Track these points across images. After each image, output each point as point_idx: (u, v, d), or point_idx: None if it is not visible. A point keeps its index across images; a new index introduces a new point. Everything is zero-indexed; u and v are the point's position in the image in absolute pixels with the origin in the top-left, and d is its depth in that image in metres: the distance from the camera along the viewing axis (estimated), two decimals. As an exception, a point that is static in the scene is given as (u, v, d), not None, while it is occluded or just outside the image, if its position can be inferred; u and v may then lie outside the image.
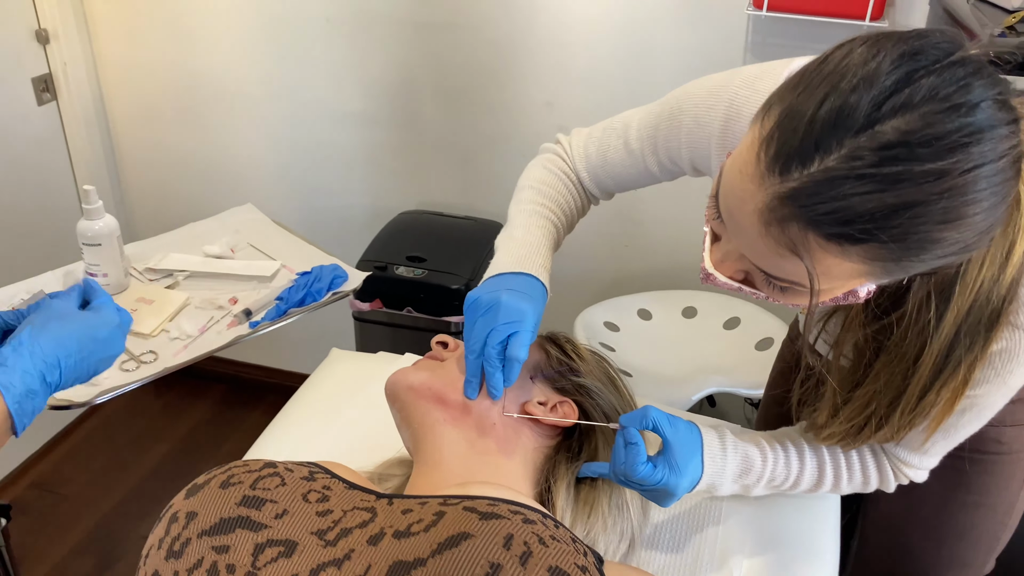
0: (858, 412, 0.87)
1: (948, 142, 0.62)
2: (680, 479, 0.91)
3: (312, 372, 2.53)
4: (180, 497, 0.77)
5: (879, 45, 0.65)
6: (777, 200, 0.66)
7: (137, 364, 1.31)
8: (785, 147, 0.65)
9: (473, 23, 1.98)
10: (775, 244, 0.68)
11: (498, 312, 0.93)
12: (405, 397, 0.97)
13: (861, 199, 0.63)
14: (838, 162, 0.63)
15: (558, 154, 1.13)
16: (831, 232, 0.65)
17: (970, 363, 0.79)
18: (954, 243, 0.66)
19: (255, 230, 1.67)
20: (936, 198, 0.62)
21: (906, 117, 0.62)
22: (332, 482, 0.79)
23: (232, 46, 2.18)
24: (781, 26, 1.80)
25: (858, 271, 0.68)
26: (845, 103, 0.63)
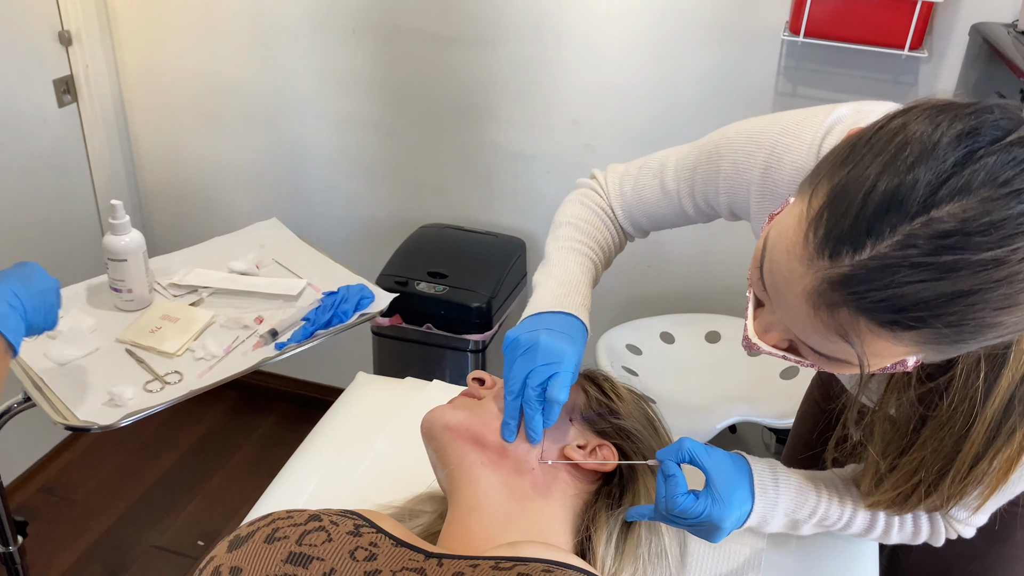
0: (904, 480, 0.84)
1: (1007, 230, 0.59)
2: (724, 510, 0.88)
3: (326, 382, 2.57)
4: (222, 549, 0.74)
5: (936, 120, 0.62)
6: (827, 284, 0.63)
7: (162, 385, 1.28)
8: (835, 230, 0.62)
9: (502, 39, 1.96)
10: (824, 327, 0.66)
11: (537, 352, 0.91)
12: (442, 437, 0.95)
13: (915, 288, 0.60)
14: (891, 249, 0.60)
15: (594, 189, 1.11)
16: (884, 319, 0.63)
17: (1022, 428, 0.76)
18: (1011, 326, 0.63)
19: (280, 246, 1.65)
20: (995, 286, 0.60)
21: (963, 203, 0.59)
22: (379, 538, 0.76)
23: (255, 53, 2.15)
24: (816, 52, 1.78)
25: (909, 351, 0.66)
26: (900, 185, 0.60)
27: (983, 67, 1.59)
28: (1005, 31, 1.58)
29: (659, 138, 1.94)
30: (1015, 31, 1.58)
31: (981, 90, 1.57)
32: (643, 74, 1.90)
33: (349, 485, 1.16)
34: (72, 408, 1.22)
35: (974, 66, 1.64)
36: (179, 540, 2.17)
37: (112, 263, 1.40)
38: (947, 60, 1.72)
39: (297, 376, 2.61)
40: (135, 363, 1.33)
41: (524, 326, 0.95)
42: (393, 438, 1.23)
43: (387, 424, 1.26)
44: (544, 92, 1.99)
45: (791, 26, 1.70)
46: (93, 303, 1.45)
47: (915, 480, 0.83)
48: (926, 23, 1.63)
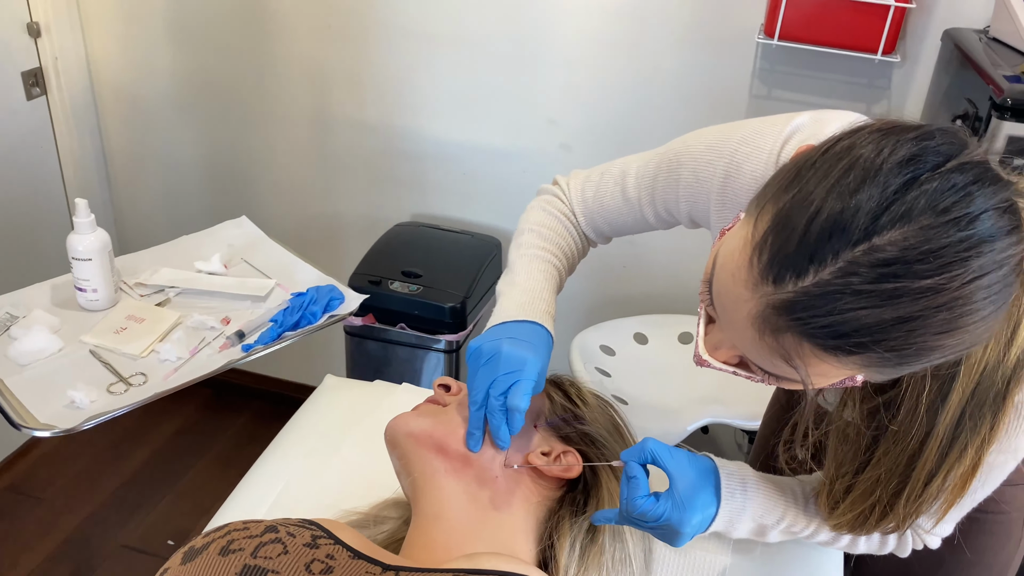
0: (861, 500, 0.84)
1: (946, 258, 0.60)
2: (685, 513, 0.88)
3: (300, 380, 2.55)
4: (176, 562, 0.73)
5: (880, 145, 0.63)
6: (771, 310, 0.64)
7: (126, 387, 1.27)
8: (779, 255, 0.63)
9: (478, 37, 1.95)
10: (769, 351, 0.67)
11: (499, 361, 0.91)
12: (405, 444, 0.94)
13: (857, 314, 0.61)
14: (833, 276, 0.61)
15: (557, 196, 1.11)
16: (827, 344, 0.63)
17: (976, 446, 0.76)
18: (953, 348, 0.64)
19: (249, 245, 1.63)
20: (934, 311, 0.61)
21: (904, 230, 0.60)
22: (336, 549, 0.76)
23: (227, 45, 2.13)
24: (791, 55, 1.78)
25: (854, 372, 0.67)
26: (843, 211, 0.61)
27: (955, 72, 1.60)
28: (976, 37, 1.59)
29: (635, 139, 1.93)
30: (986, 37, 1.59)
31: (952, 95, 1.58)
32: (619, 75, 1.90)
33: (315, 489, 1.15)
34: (33, 410, 1.20)
35: (946, 71, 1.65)
36: (149, 540, 2.15)
37: (76, 262, 1.37)
38: (919, 65, 1.73)
39: (271, 374, 2.59)
40: (99, 364, 1.31)
41: (487, 336, 0.95)
42: (360, 442, 1.22)
43: (354, 428, 1.25)
44: (521, 92, 1.98)
45: (766, 29, 1.70)
46: (57, 302, 1.43)
47: (872, 500, 0.83)
48: (899, 28, 1.64)
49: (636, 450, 0.89)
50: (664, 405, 1.79)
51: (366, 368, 2.04)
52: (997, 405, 0.74)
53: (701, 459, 0.93)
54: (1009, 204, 0.63)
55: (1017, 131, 1.27)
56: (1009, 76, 1.37)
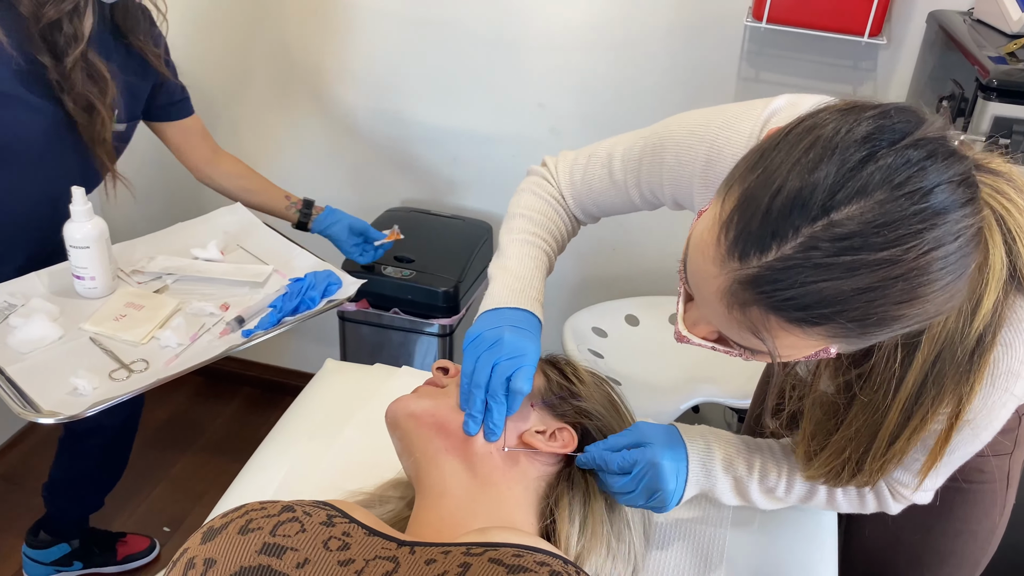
0: (834, 457, 0.88)
1: (902, 230, 0.63)
2: (658, 449, 0.94)
3: (291, 366, 2.55)
4: (196, 541, 0.75)
5: (839, 124, 0.66)
6: (738, 285, 0.67)
7: (128, 373, 1.27)
8: (743, 233, 0.66)
9: (466, 20, 1.95)
10: (738, 324, 0.70)
11: (502, 347, 0.93)
12: (406, 425, 0.96)
13: (819, 287, 0.64)
14: (795, 251, 0.64)
15: (545, 178, 1.14)
16: (792, 317, 0.67)
17: (939, 411, 0.80)
18: (915, 317, 0.67)
19: (245, 232, 1.63)
20: (892, 282, 0.64)
21: (860, 205, 0.63)
22: (351, 527, 0.77)
23: (216, 32, 2.12)
24: (778, 38, 1.80)
25: (822, 343, 0.70)
26: (803, 188, 0.64)
27: (939, 54, 1.62)
28: (961, 19, 1.61)
29: (624, 122, 1.93)
30: (971, 19, 1.61)
31: (937, 76, 1.60)
32: (608, 58, 1.91)
33: (319, 472, 1.17)
34: (36, 398, 1.21)
35: (931, 53, 1.68)
36: (144, 526, 2.16)
37: (74, 251, 1.38)
38: (905, 47, 1.75)
39: (262, 360, 2.60)
40: (100, 351, 1.31)
41: (485, 323, 0.98)
42: (363, 425, 1.24)
43: (357, 411, 1.27)
44: (510, 76, 1.99)
45: (754, 12, 1.72)
46: (56, 291, 1.43)
47: (843, 458, 0.87)
48: (885, 10, 1.66)
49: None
50: (656, 385, 1.82)
51: (360, 353, 2.05)
52: (961, 375, 0.77)
53: (660, 425, 0.99)
54: (964, 177, 0.66)
55: (1003, 111, 1.30)
56: (994, 57, 1.39)
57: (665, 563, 1.06)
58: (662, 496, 0.95)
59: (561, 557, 0.76)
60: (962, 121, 1.39)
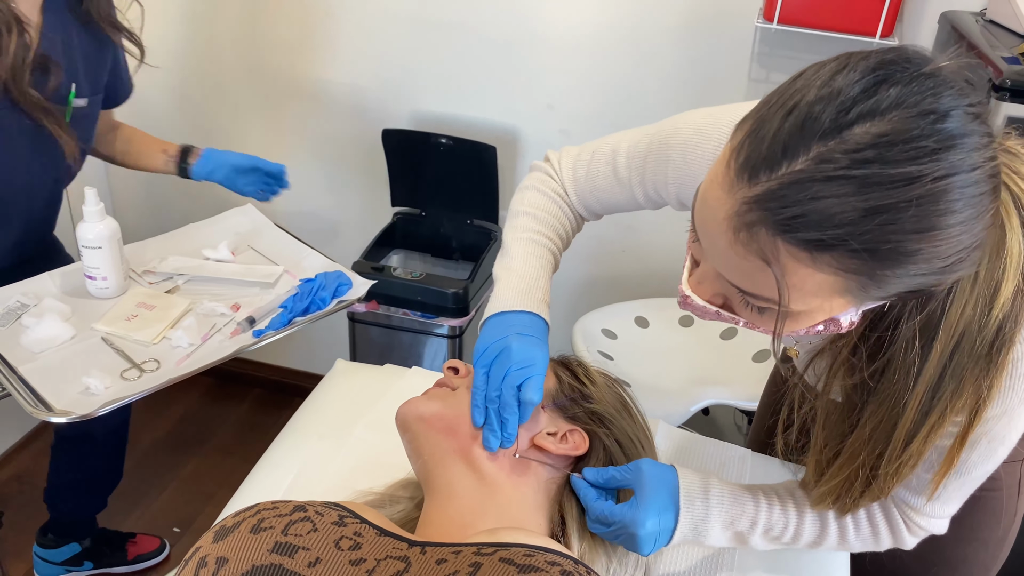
0: (847, 464, 0.85)
1: (919, 146, 0.61)
2: (639, 514, 0.89)
3: (301, 367, 2.56)
4: (208, 540, 0.75)
5: (849, 59, 0.65)
6: (745, 205, 0.65)
7: (139, 373, 1.28)
8: (754, 154, 0.65)
9: (475, 22, 1.95)
10: (744, 252, 0.67)
11: (510, 358, 0.92)
12: (416, 428, 0.96)
13: (829, 203, 0.62)
14: (806, 164, 0.62)
15: (548, 174, 1.11)
16: (800, 237, 0.64)
17: (958, 409, 0.77)
18: (930, 257, 0.65)
19: (255, 232, 1.64)
20: (907, 204, 0.61)
21: (875, 122, 0.62)
22: (363, 527, 0.77)
23: (227, 32, 2.13)
24: (789, 39, 1.79)
25: (832, 285, 0.67)
26: (811, 110, 0.63)
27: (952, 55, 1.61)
28: (973, 19, 1.61)
29: (634, 124, 1.91)
30: (983, 19, 1.61)
31: (950, 78, 1.59)
32: (618, 59, 1.91)
33: (330, 472, 1.17)
34: (48, 398, 1.21)
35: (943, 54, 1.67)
36: (155, 526, 2.17)
37: (87, 251, 1.38)
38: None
39: (272, 362, 2.60)
40: (112, 351, 1.32)
41: (491, 332, 0.96)
42: (373, 425, 1.24)
43: (367, 411, 1.27)
44: (520, 77, 1.99)
45: (765, 13, 1.71)
46: (68, 291, 1.43)
47: (857, 464, 0.84)
48: (897, 11, 1.65)
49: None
50: (666, 387, 1.81)
51: (369, 354, 2.06)
52: (980, 369, 0.75)
53: (664, 468, 0.94)
54: (979, 112, 0.64)
55: (1016, 112, 1.29)
56: (1007, 57, 1.39)
57: (676, 563, 1.06)
58: (640, 545, 0.91)
59: (572, 557, 0.76)
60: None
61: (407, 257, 2.16)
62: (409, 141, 2.02)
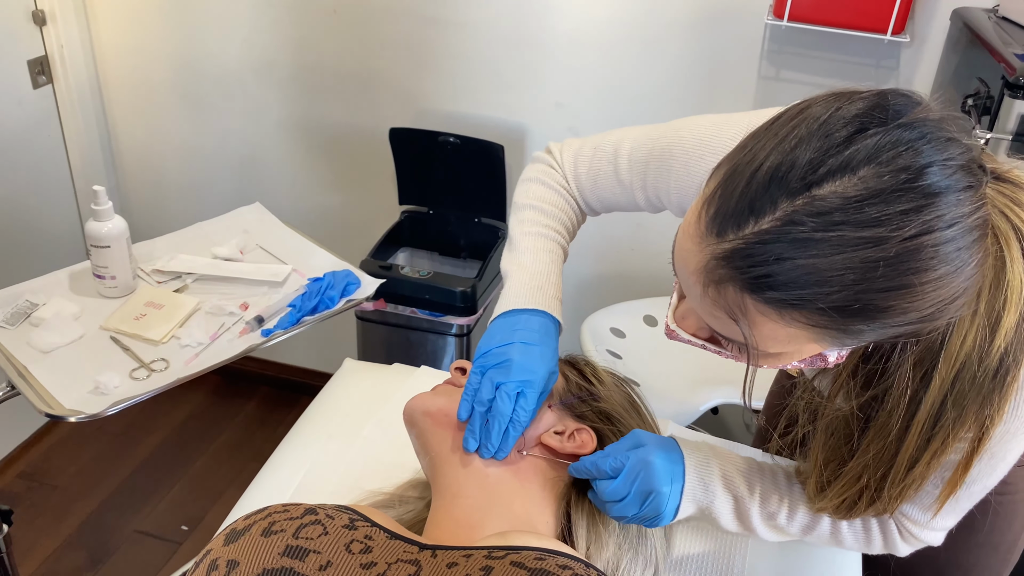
0: (849, 486, 0.83)
1: (888, 208, 0.59)
2: (651, 452, 0.88)
3: (309, 365, 2.56)
4: (219, 543, 0.75)
5: (832, 104, 0.63)
6: (714, 261, 0.64)
7: (148, 372, 1.28)
8: (723, 208, 0.64)
9: (483, 20, 1.94)
10: (714, 306, 0.67)
11: (509, 370, 0.91)
12: (423, 423, 0.96)
13: (794, 264, 0.61)
14: (772, 224, 0.61)
15: (551, 165, 1.09)
16: (767, 297, 0.63)
17: (961, 436, 0.75)
18: (905, 312, 0.63)
19: (264, 231, 1.64)
20: (875, 264, 0.60)
21: (843, 180, 0.60)
22: (373, 531, 0.77)
23: (234, 31, 2.13)
24: (799, 36, 1.78)
25: (804, 337, 0.66)
26: (782, 164, 0.61)
27: (964, 51, 1.60)
28: (986, 16, 1.59)
29: (643, 121, 1.90)
30: (996, 16, 1.59)
31: (961, 75, 1.58)
32: (627, 57, 1.90)
33: (339, 472, 1.16)
34: (58, 397, 1.21)
35: (955, 50, 1.66)
36: (162, 525, 2.17)
37: (95, 250, 1.38)
38: (928, 45, 1.74)
39: (279, 360, 2.60)
40: (120, 350, 1.32)
41: (497, 332, 0.95)
42: (382, 425, 1.24)
43: (376, 410, 1.27)
44: (528, 75, 1.98)
45: (775, 10, 1.70)
46: (76, 290, 1.44)
47: (859, 486, 0.82)
48: (908, 8, 1.64)
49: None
50: (675, 386, 1.81)
51: (377, 352, 2.05)
52: (983, 397, 0.72)
53: (663, 438, 0.93)
54: (963, 163, 0.62)
55: (1030, 110, 1.28)
56: (1020, 55, 1.37)
57: (686, 565, 1.05)
58: (656, 501, 0.88)
59: (583, 561, 0.75)
60: (988, 120, 1.37)
61: (415, 256, 2.16)
62: (417, 140, 2.01)
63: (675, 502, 0.90)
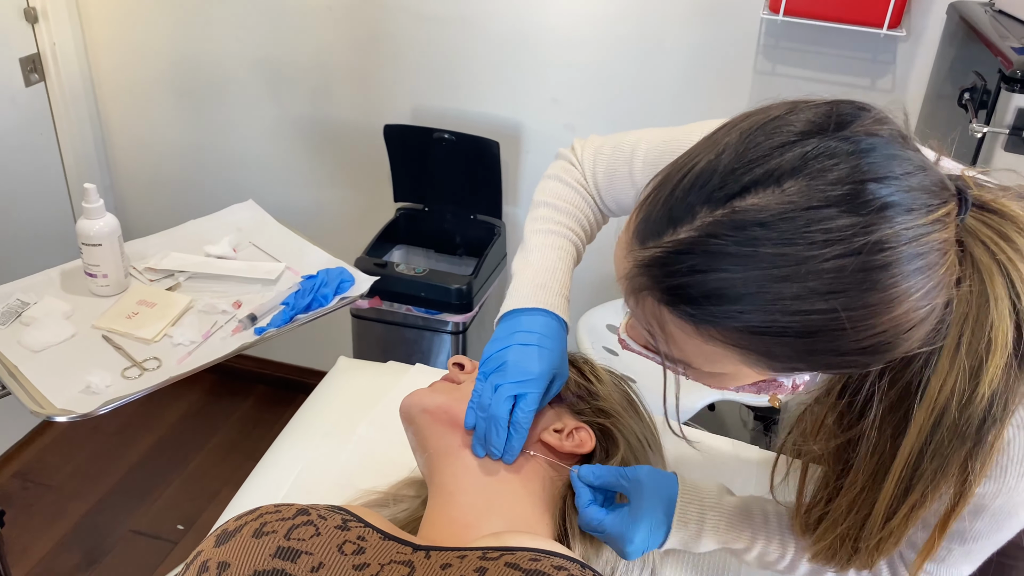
0: (829, 531, 0.79)
1: (802, 227, 0.56)
2: (628, 530, 0.85)
3: (304, 364, 2.55)
4: (209, 544, 0.74)
5: (767, 113, 0.61)
6: (636, 268, 0.63)
7: (140, 371, 1.27)
8: (648, 216, 0.63)
9: (478, 16, 1.93)
10: (639, 315, 0.65)
11: (506, 372, 0.89)
12: (420, 420, 0.95)
13: (707, 278, 0.58)
14: (689, 235, 0.59)
15: (571, 162, 1.07)
16: (682, 310, 0.61)
17: (943, 489, 0.69)
18: (833, 340, 0.59)
19: (257, 228, 1.63)
20: (791, 287, 0.57)
21: (767, 193, 0.57)
22: (366, 532, 0.76)
23: (227, 28, 2.11)
24: (795, 31, 1.77)
25: (730, 356, 0.63)
26: (704, 172, 0.60)
27: (960, 45, 1.59)
28: (982, 10, 1.58)
29: (639, 117, 1.93)
30: (992, 9, 1.58)
31: (958, 68, 1.57)
32: (623, 53, 1.89)
33: (334, 470, 1.15)
34: (49, 396, 1.20)
35: (951, 44, 1.65)
36: (158, 524, 2.16)
37: (86, 248, 1.37)
38: (925, 39, 1.73)
39: (275, 359, 2.59)
40: (112, 349, 1.31)
41: (499, 336, 0.93)
42: (377, 423, 1.23)
43: (370, 408, 1.26)
44: (523, 71, 1.97)
45: (771, 5, 1.69)
46: (68, 288, 1.42)
47: (838, 533, 0.78)
48: (904, 2, 1.63)
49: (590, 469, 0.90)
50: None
51: (373, 350, 2.04)
52: (967, 451, 0.66)
53: (664, 478, 0.89)
54: (911, 183, 0.58)
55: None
56: (1017, 48, 1.36)
57: (682, 568, 1.04)
58: (625, 550, 0.87)
59: (579, 561, 0.74)
60: (984, 114, 1.36)
61: (410, 253, 2.15)
62: (412, 136, 2.00)
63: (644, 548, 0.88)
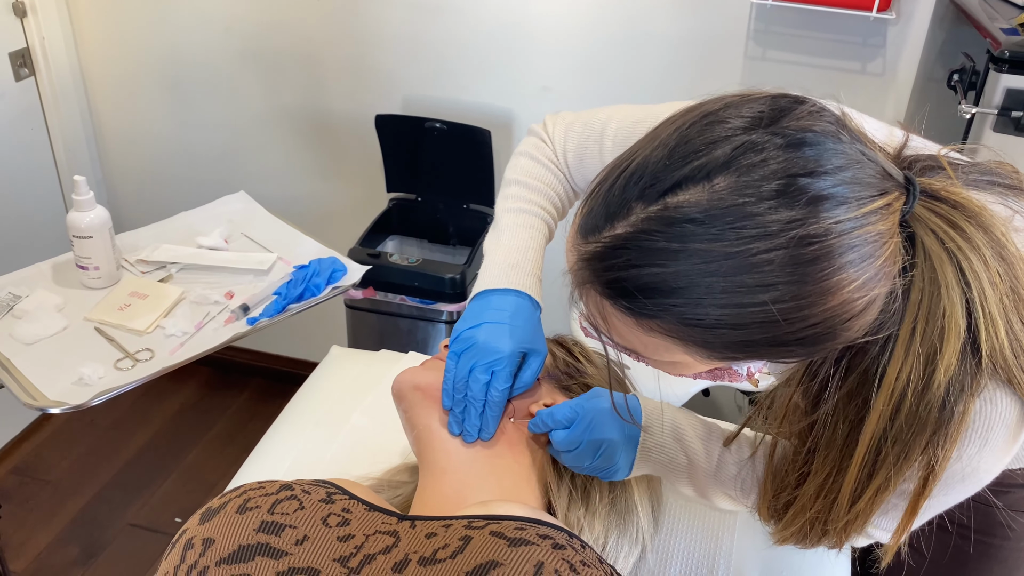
0: (799, 515, 0.79)
1: (734, 222, 0.57)
2: (598, 400, 0.87)
3: (300, 356, 2.55)
4: (194, 522, 0.74)
5: (703, 108, 0.62)
6: (580, 262, 0.64)
7: (133, 362, 1.27)
8: (591, 211, 0.64)
9: (468, 5, 1.93)
10: (586, 307, 0.66)
11: (476, 352, 0.89)
12: (412, 397, 0.95)
13: (640, 271, 0.60)
14: (625, 230, 0.61)
15: (543, 139, 1.07)
16: (620, 303, 0.62)
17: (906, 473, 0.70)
18: (769, 332, 0.60)
19: (248, 220, 1.63)
20: (720, 281, 0.58)
21: (697, 189, 0.58)
22: (351, 503, 0.77)
23: (217, 20, 2.11)
24: (785, 15, 1.77)
25: (673, 346, 0.64)
26: (639, 167, 0.61)
27: (950, 28, 1.59)
28: (972, -8, 1.58)
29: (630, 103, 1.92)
30: (981, -8, 1.58)
31: (947, 51, 1.58)
32: (613, 39, 1.89)
33: (326, 459, 1.16)
34: (42, 388, 1.20)
35: (941, 27, 1.65)
36: (156, 517, 2.16)
37: (77, 240, 1.37)
38: (914, 22, 1.73)
39: (271, 351, 2.59)
40: (105, 341, 1.31)
41: (470, 315, 0.93)
42: (370, 411, 1.23)
43: (364, 397, 1.26)
44: (514, 60, 1.97)
45: (760, -11, 1.69)
46: (59, 281, 1.43)
47: (808, 516, 0.78)
48: (894, -15, 1.63)
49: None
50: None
51: (367, 340, 2.04)
52: (928, 437, 0.67)
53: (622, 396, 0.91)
54: (846, 176, 0.59)
55: (1015, 83, 1.27)
56: (1006, 29, 1.37)
57: (674, 542, 1.05)
58: (608, 451, 0.87)
59: (565, 530, 0.75)
60: (973, 95, 1.36)
61: (403, 243, 2.15)
62: (403, 126, 2.00)
63: (630, 455, 0.89)
